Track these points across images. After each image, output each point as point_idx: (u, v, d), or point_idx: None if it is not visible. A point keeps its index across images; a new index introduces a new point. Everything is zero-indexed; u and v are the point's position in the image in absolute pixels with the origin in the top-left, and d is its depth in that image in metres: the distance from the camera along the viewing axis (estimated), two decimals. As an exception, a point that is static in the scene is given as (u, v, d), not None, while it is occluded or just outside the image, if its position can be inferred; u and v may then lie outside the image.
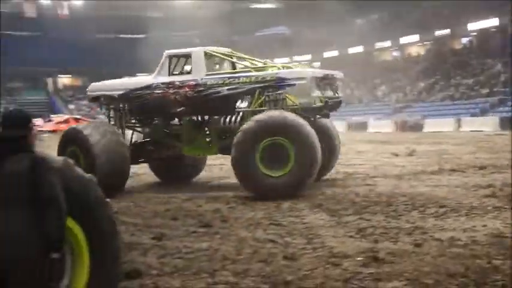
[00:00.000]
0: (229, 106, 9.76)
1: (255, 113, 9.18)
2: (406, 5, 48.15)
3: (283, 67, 10.04)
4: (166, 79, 10.21)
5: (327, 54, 53.15)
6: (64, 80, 62.23)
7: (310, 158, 8.52)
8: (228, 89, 9.67)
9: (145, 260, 5.13)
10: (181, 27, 60.76)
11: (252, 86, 9.50)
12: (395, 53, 52.23)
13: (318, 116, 9.94)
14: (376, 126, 35.85)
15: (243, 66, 10.23)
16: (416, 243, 5.37)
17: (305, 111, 9.33)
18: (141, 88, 10.40)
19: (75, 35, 56.09)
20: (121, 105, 10.54)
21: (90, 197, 3.23)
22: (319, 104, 9.37)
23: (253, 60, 10.51)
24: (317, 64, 46.27)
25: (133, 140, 10.79)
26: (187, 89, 9.95)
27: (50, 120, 35.27)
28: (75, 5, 61.09)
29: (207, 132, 10.10)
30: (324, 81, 9.55)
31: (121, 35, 61.06)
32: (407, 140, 21.56)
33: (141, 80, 10.88)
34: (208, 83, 9.83)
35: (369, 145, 19.68)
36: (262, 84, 9.44)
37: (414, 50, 50.34)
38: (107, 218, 3.28)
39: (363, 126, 36.52)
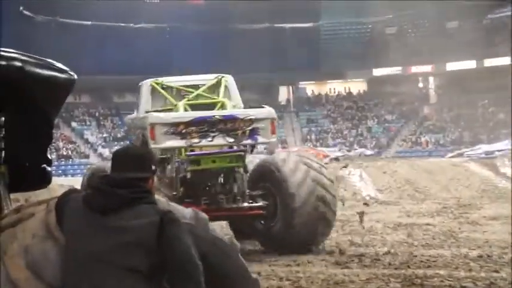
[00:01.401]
0: None
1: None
2: None
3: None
4: (132, 117, 12.82)
5: None
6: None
7: None
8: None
9: None
10: (366, 9, 61.31)
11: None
12: None
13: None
14: None
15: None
16: None
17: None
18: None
19: (211, 28, 59.08)
20: None
21: (229, 270, 3.36)
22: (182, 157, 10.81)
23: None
24: None
25: None
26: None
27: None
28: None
29: None
30: (201, 127, 10.63)
31: (277, 25, 63.45)
32: None
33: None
34: (133, 124, 12.21)
35: None
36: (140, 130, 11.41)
37: None
38: (252, 304, 3.39)
39: None
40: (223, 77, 12.45)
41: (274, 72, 61.46)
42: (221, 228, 12.81)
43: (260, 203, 11.01)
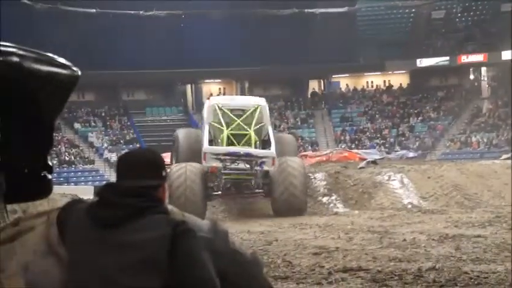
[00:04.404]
0: None
1: None
2: None
3: None
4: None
5: None
6: (211, 87, 66.07)
7: None
8: None
9: None
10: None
11: None
12: None
13: None
14: None
15: None
16: None
17: None
18: None
19: (231, 15, 58.99)
20: None
21: (251, 288, 3.39)
22: None
23: None
24: None
25: None
26: None
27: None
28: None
29: None
30: None
31: (307, 10, 63.07)
32: None
33: None
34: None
35: None
36: None
37: None
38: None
39: None
40: (259, 106, 23.58)
41: (303, 64, 61.33)
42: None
43: (261, 190, 22.57)
